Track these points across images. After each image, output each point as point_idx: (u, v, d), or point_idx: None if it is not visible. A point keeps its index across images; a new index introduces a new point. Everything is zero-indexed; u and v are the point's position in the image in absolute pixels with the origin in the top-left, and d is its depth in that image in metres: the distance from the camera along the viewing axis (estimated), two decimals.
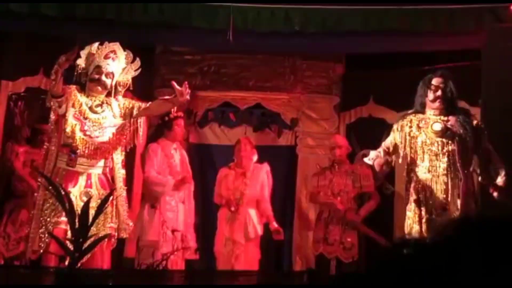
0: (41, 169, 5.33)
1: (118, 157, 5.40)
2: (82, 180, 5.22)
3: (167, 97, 5.54)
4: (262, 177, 6.86)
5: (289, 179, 7.60)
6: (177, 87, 5.26)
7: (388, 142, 5.40)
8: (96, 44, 5.48)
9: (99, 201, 4.73)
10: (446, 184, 5.12)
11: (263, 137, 7.62)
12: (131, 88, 5.59)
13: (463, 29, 6.40)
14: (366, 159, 5.46)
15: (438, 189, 5.13)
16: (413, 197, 5.19)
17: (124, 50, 5.53)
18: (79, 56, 5.41)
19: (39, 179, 5.32)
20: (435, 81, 5.20)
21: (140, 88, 7.54)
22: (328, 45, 7.15)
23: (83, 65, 5.42)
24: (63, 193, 4.31)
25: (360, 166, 6.78)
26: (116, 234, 5.25)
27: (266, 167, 6.93)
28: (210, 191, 7.06)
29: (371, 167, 5.40)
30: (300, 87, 7.76)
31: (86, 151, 5.26)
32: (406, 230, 5.12)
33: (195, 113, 7.72)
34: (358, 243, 6.44)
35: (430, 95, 5.19)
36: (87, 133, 5.29)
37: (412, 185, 5.21)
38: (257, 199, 6.80)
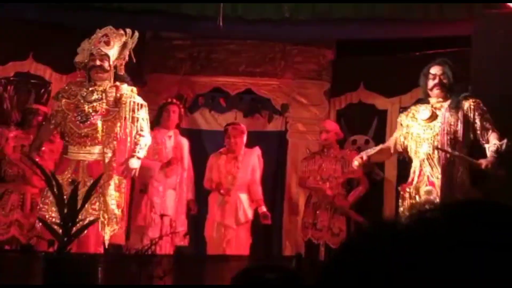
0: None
1: (110, 145, 5.48)
2: (70, 168, 5.29)
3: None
4: (253, 161, 6.88)
5: (279, 164, 7.62)
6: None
7: (393, 138, 5.53)
8: (87, 40, 5.61)
9: (83, 189, 4.77)
10: (434, 171, 5.17)
11: (253, 122, 7.62)
12: (126, 59, 5.66)
13: (453, 16, 6.42)
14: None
15: (427, 176, 5.20)
16: (408, 180, 5.32)
17: (118, 30, 5.64)
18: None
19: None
20: (432, 69, 5.32)
21: (131, 74, 7.57)
22: (318, 32, 7.15)
23: (81, 60, 5.59)
24: (52, 178, 4.31)
25: (350, 151, 6.81)
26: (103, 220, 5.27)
27: (257, 151, 6.95)
28: (200, 176, 7.07)
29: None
30: (290, 72, 7.76)
31: (75, 139, 5.33)
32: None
33: (186, 98, 7.71)
34: (347, 229, 6.47)
35: (429, 84, 5.31)
36: (77, 122, 5.40)
37: (411, 168, 5.34)
38: (248, 183, 6.82)
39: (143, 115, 5.55)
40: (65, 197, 4.15)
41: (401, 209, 5.32)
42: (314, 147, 7.28)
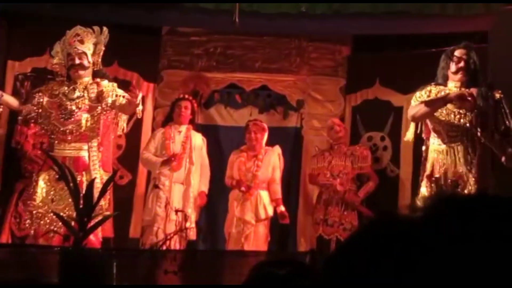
0: None
1: (94, 140, 5.69)
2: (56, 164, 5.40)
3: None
4: (274, 159, 6.88)
5: (294, 160, 7.61)
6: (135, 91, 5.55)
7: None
8: (57, 42, 5.86)
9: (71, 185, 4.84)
10: (462, 158, 5.04)
11: (268, 118, 7.62)
12: (101, 55, 5.84)
13: (471, 11, 6.37)
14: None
15: (453, 163, 5.05)
16: (426, 171, 5.16)
17: (87, 28, 5.84)
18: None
19: None
20: (458, 52, 5.13)
21: (147, 69, 7.61)
22: (335, 27, 7.13)
23: (58, 62, 5.82)
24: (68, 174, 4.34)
25: (359, 147, 6.81)
26: None
27: (277, 149, 6.94)
28: (215, 172, 7.09)
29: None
30: (306, 69, 7.75)
31: (60, 136, 5.56)
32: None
33: (201, 94, 7.73)
34: (359, 224, 6.47)
35: (453, 67, 5.11)
36: (61, 119, 5.60)
37: (428, 160, 5.18)
38: (268, 181, 6.82)
39: None
40: (52, 193, 4.21)
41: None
42: (326, 144, 7.28)
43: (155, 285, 4.17)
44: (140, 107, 5.72)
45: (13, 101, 5.96)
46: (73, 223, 4.21)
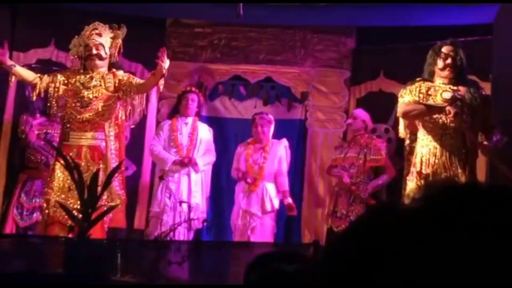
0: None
1: (111, 130, 5.67)
2: (72, 153, 5.39)
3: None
4: (281, 152, 6.86)
5: (298, 152, 7.61)
6: (158, 61, 5.51)
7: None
8: (76, 37, 5.84)
9: (87, 174, 4.86)
10: (452, 155, 5.06)
11: (273, 110, 7.61)
12: (121, 51, 5.88)
13: (475, 3, 6.36)
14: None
15: (443, 161, 5.07)
16: (416, 168, 5.15)
17: (105, 24, 5.85)
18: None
19: None
20: (445, 49, 5.12)
21: (151, 61, 7.61)
22: (339, 18, 7.12)
23: (75, 53, 5.83)
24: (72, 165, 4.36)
25: (374, 139, 6.74)
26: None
27: (284, 142, 6.93)
28: (220, 163, 7.09)
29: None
30: (310, 61, 7.74)
31: (76, 125, 5.53)
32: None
33: (205, 86, 7.73)
34: None
35: (440, 63, 5.10)
36: (77, 107, 5.57)
37: (415, 155, 5.18)
38: (275, 173, 6.81)
39: None
40: (68, 181, 4.21)
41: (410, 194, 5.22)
42: (333, 135, 7.26)
43: (153, 285, 4.18)
44: (162, 81, 5.66)
45: (26, 74, 5.81)
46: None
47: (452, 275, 0.66)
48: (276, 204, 6.75)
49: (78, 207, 4.74)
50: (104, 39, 5.75)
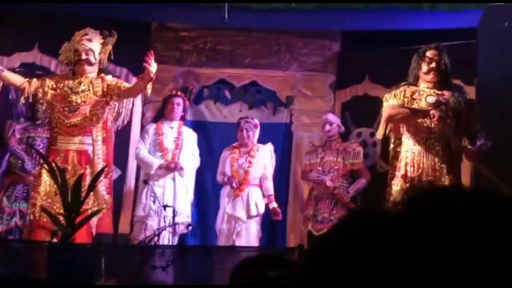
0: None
1: (98, 134, 5.66)
2: (59, 157, 5.38)
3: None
4: (266, 156, 6.86)
5: (283, 156, 7.61)
6: (146, 64, 5.44)
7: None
8: (66, 42, 5.82)
9: (73, 178, 4.83)
10: (436, 159, 5.08)
11: (258, 114, 7.61)
12: (111, 58, 5.87)
13: (459, 8, 6.40)
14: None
15: (427, 164, 5.09)
16: (400, 172, 5.16)
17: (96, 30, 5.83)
18: None
19: None
20: (429, 53, 5.14)
21: (136, 65, 7.58)
22: (325, 22, 7.14)
23: (64, 58, 5.80)
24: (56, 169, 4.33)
25: (351, 144, 6.80)
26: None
27: (270, 146, 6.93)
28: (204, 167, 7.07)
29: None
30: (295, 65, 7.75)
31: (64, 129, 5.54)
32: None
33: (191, 90, 7.72)
34: None
35: (424, 67, 5.13)
36: (65, 112, 5.58)
37: (400, 159, 5.19)
38: (260, 178, 6.80)
39: None
40: (55, 186, 4.19)
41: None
42: (318, 140, 7.26)
43: (139, 285, 4.15)
44: (150, 85, 5.63)
45: (14, 78, 5.80)
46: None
47: (434, 278, 0.66)
48: (262, 208, 6.74)
49: None
50: (94, 44, 5.74)
